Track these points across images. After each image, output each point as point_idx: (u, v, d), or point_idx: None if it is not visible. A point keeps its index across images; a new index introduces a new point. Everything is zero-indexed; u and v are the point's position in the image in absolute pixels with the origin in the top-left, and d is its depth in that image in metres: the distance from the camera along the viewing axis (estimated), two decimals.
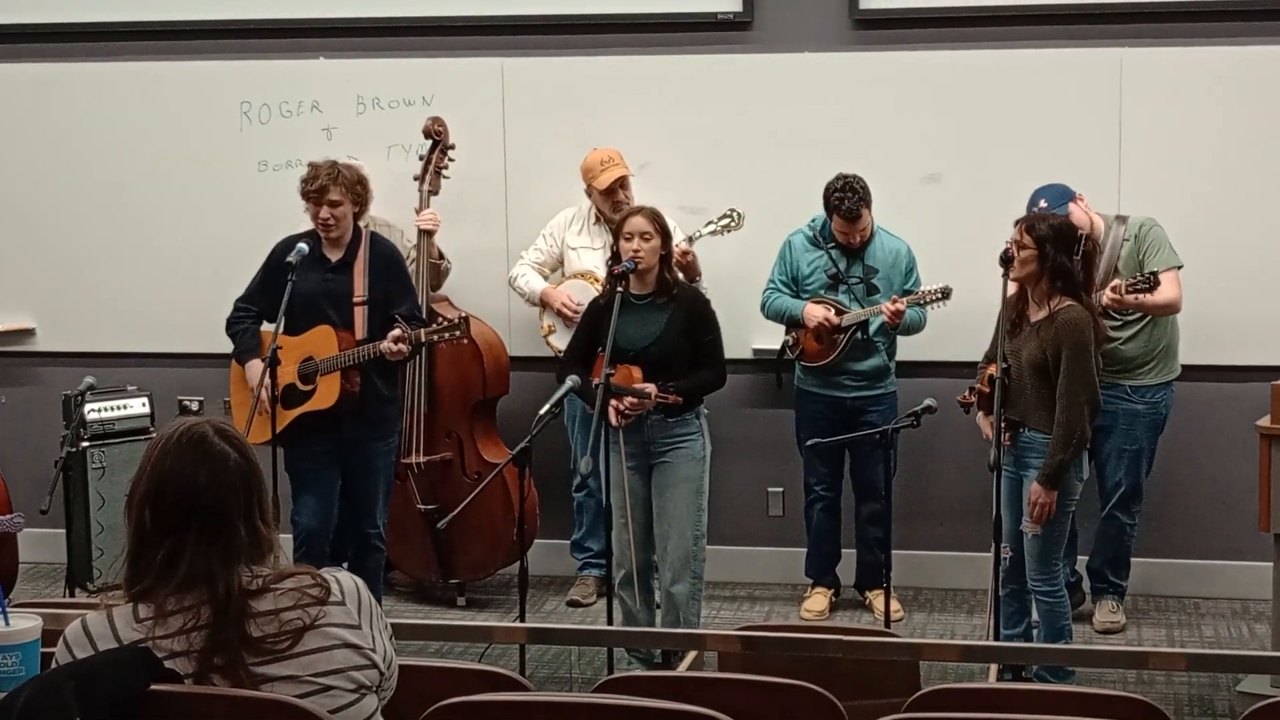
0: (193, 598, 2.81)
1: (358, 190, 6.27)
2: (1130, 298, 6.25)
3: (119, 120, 7.76)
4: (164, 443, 2.92)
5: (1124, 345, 6.54)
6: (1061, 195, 6.39)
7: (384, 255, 6.34)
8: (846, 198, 6.66)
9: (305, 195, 6.20)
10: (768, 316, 6.97)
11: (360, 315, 6.22)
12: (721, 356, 6.08)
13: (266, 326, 6.33)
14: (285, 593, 2.85)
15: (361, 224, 6.38)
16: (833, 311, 6.75)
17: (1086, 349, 5.54)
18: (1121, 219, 6.57)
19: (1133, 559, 6.91)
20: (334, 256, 6.24)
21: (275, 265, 6.24)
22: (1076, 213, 6.38)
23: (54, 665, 2.85)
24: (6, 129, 7.87)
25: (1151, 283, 6.22)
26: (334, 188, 6.14)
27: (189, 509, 2.84)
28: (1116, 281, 6.31)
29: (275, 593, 2.85)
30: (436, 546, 7.03)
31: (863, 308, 6.77)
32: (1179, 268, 6.49)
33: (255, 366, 6.24)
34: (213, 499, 2.85)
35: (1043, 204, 6.34)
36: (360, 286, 6.22)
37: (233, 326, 6.40)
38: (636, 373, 5.89)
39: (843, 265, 6.84)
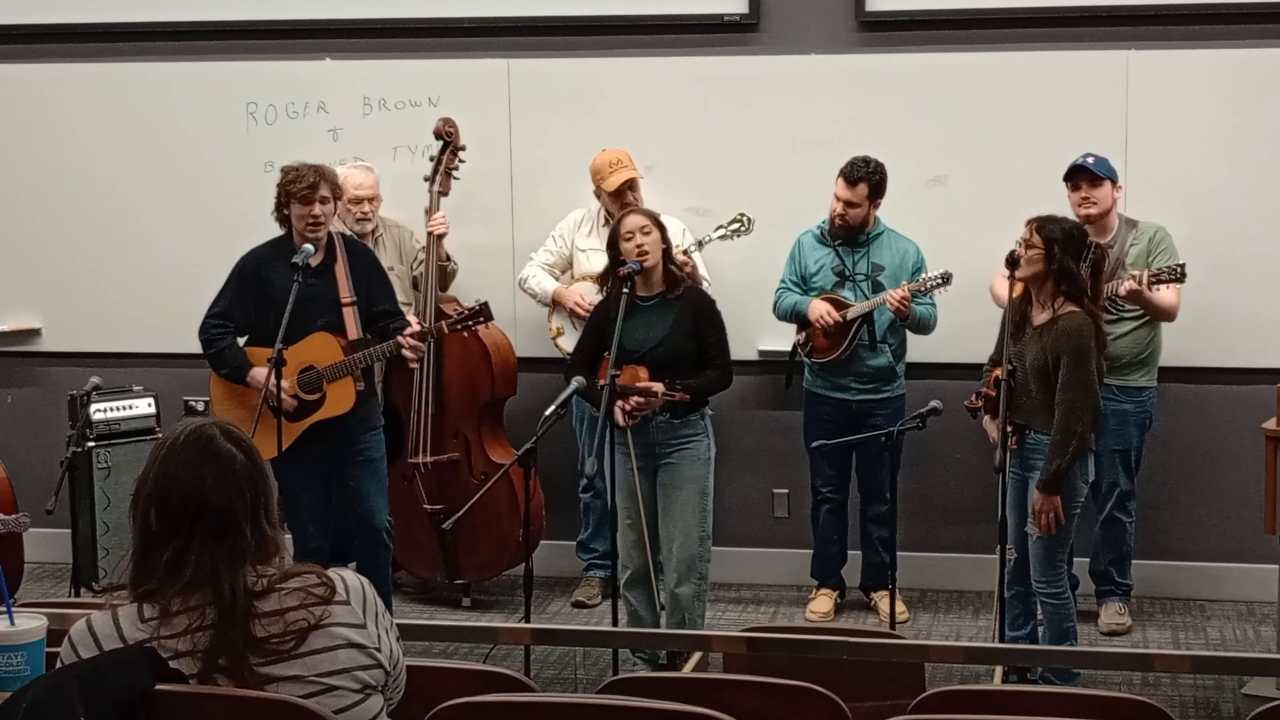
0: (198, 598, 2.81)
1: (337, 189, 6.28)
2: (1149, 289, 6.26)
3: (125, 121, 7.76)
4: (170, 443, 2.91)
5: (1113, 341, 6.52)
6: (1112, 170, 6.46)
7: (363, 254, 6.36)
8: (857, 165, 6.68)
9: (297, 195, 6.07)
10: (779, 316, 6.96)
11: (350, 316, 6.20)
12: (728, 357, 6.09)
13: (240, 341, 6.28)
14: (290, 592, 2.85)
15: (334, 228, 6.35)
16: (836, 307, 6.75)
17: (1087, 356, 5.53)
18: (1132, 222, 6.57)
19: (1139, 561, 6.92)
20: (313, 260, 6.20)
21: (249, 276, 6.19)
22: (1106, 192, 6.40)
23: (59, 664, 2.85)
24: (12, 129, 7.87)
25: (1179, 274, 6.25)
26: (324, 184, 6.13)
27: (195, 511, 2.84)
28: (1136, 272, 6.32)
29: (280, 592, 2.85)
30: (442, 547, 7.03)
31: None
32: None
33: (260, 374, 6.12)
34: (218, 501, 2.85)
35: (1089, 160, 6.40)
36: (345, 288, 6.20)
37: (213, 344, 6.23)
38: (643, 373, 5.90)
39: (849, 262, 6.84)
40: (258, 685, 2.79)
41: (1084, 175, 6.45)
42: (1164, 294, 6.40)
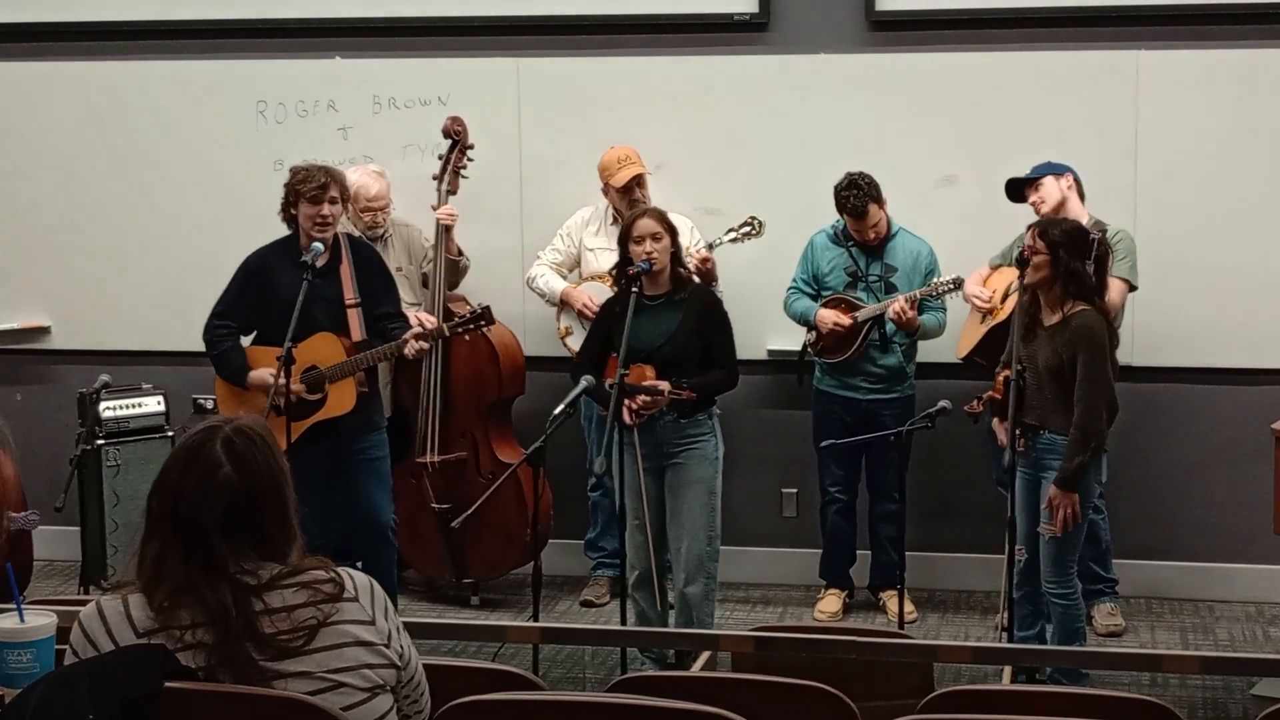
0: (192, 600, 2.82)
1: (345, 191, 6.32)
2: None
3: (135, 119, 7.77)
4: (182, 441, 2.95)
5: None
6: (1047, 166, 6.46)
7: (368, 256, 6.38)
8: (851, 195, 6.67)
9: (306, 195, 6.11)
10: (790, 318, 6.96)
11: (355, 318, 6.21)
12: (733, 357, 6.07)
13: (246, 340, 6.31)
14: (298, 589, 2.86)
15: (340, 227, 6.37)
16: (843, 311, 6.75)
17: (1103, 352, 5.53)
18: (1103, 226, 6.52)
19: (1146, 562, 6.92)
20: (319, 261, 6.20)
21: (253, 275, 6.23)
22: (1048, 186, 6.38)
23: (68, 651, 2.85)
24: (21, 127, 7.88)
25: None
26: (334, 185, 6.16)
27: (171, 513, 2.87)
28: None
29: (288, 589, 2.85)
30: (450, 546, 7.03)
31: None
32: (1133, 288, 6.46)
33: (260, 376, 6.16)
34: (189, 509, 2.86)
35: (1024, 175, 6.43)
36: (350, 289, 6.22)
37: (215, 346, 6.28)
38: (649, 371, 5.89)
39: (862, 263, 6.83)
40: (264, 681, 2.79)
41: (1020, 185, 6.47)
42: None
